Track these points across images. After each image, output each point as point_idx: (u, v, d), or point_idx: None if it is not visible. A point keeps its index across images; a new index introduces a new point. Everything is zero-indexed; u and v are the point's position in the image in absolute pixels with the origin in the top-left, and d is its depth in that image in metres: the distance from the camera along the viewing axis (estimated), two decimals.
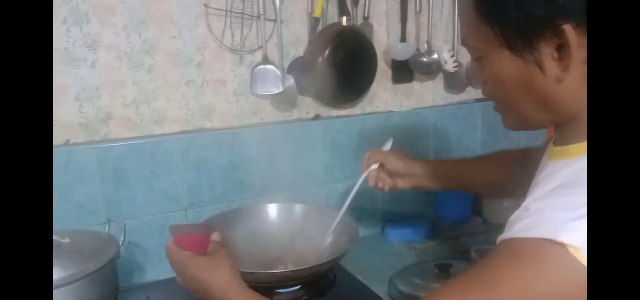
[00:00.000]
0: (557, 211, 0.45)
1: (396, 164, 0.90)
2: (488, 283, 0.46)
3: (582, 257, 0.41)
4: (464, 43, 0.55)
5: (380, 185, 0.92)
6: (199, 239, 0.66)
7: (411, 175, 0.90)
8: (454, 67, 1.26)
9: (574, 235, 0.42)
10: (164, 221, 1.05)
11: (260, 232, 1.02)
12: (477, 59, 0.54)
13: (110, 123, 1.02)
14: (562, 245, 0.42)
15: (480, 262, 0.49)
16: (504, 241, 0.48)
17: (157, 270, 1.05)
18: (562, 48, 0.47)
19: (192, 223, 0.96)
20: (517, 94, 0.52)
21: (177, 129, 1.07)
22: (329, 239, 0.94)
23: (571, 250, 0.42)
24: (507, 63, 0.50)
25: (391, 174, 0.91)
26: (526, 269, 0.44)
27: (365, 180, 0.92)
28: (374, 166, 0.91)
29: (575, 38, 0.46)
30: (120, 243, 0.87)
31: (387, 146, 0.94)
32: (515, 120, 0.56)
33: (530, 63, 0.49)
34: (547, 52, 0.48)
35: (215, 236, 0.68)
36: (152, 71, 1.04)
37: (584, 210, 0.43)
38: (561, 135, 0.54)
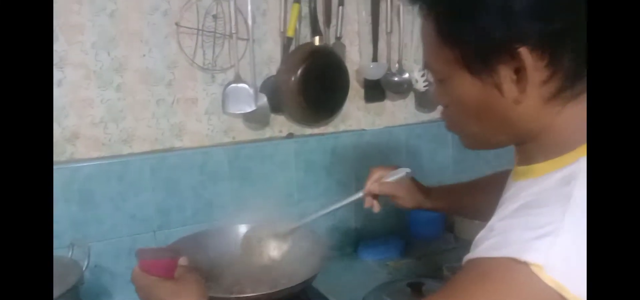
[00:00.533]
0: (520, 231, 0.46)
1: (406, 202, 0.87)
2: None
3: (545, 276, 0.42)
4: (426, 66, 0.56)
5: (375, 210, 0.90)
6: (165, 263, 0.65)
7: (416, 207, 0.88)
8: (424, 87, 1.29)
9: (537, 254, 0.43)
10: (132, 243, 1.03)
11: (231, 254, 1.00)
12: (439, 81, 0.55)
13: (77, 143, 1.00)
14: (526, 263, 0.43)
15: (448, 284, 0.50)
16: (470, 261, 0.48)
17: (124, 294, 1.02)
18: (519, 71, 0.48)
19: (159, 247, 0.94)
20: (478, 115, 0.53)
21: (146, 149, 1.05)
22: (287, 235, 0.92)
23: (534, 268, 0.43)
24: (467, 85, 0.51)
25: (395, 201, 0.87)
26: (491, 288, 0.45)
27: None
28: (375, 187, 0.87)
29: (532, 61, 0.47)
30: (84, 268, 0.85)
31: (399, 175, 0.87)
32: (475, 140, 0.57)
33: (490, 85, 0.50)
34: (505, 75, 0.49)
35: (182, 260, 0.67)
36: (121, 90, 1.02)
37: (546, 229, 0.44)
38: (523, 155, 0.56)
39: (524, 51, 0.47)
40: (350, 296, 1.01)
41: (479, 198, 0.85)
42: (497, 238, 0.47)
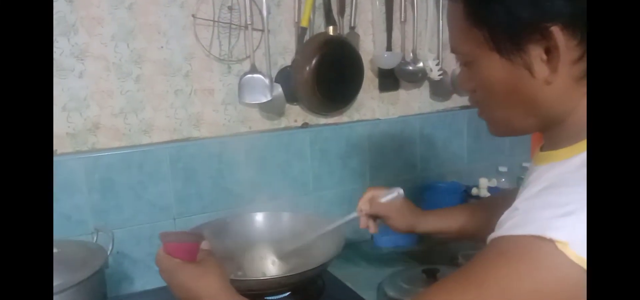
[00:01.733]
0: (544, 209, 0.46)
1: (398, 223, 0.87)
2: (475, 281, 0.47)
3: (570, 252, 0.43)
4: (453, 49, 0.56)
5: (371, 231, 0.90)
6: (188, 246, 0.66)
7: (408, 229, 0.88)
8: (439, 75, 1.29)
9: (562, 232, 0.43)
10: (152, 231, 1.05)
11: (249, 240, 1.02)
12: (467, 64, 0.55)
13: (98, 133, 1.02)
14: (551, 241, 0.43)
15: (472, 260, 0.50)
16: (494, 240, 0.49)
17: (145, 280, 1.05)
18: (550, 50, 0.48)
19: (182, 231, 0.96)
20: (506, 98, 0.53)
21: (165, 139, 1.07)
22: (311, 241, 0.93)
23: (559, 245, 0.43)
24: (496, 67, 0.51)
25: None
26: (515, 266, 0.45)
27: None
28: (366, 207, 0.88)
29: (563, 40, 0.47)
30: (109, 253, 0.87)
31: (391, 196, 0.87)
32: (502, 126, 0.57)
33: (519, 66, 0.50)
34: (535, 55, 0.49)
35: (204, 244, 0.69)
36: (140, 81, 1.04)
37: (569, 207, 0.44)
38: (547, 140, 0.56)
39: (555, 30, 0.47)
40: (366, 282, 1.02)
41: (472, 222, 0.85)
42: (521, 216, 0.47)
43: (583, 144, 0.49)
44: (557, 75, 0.49)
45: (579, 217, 0.43)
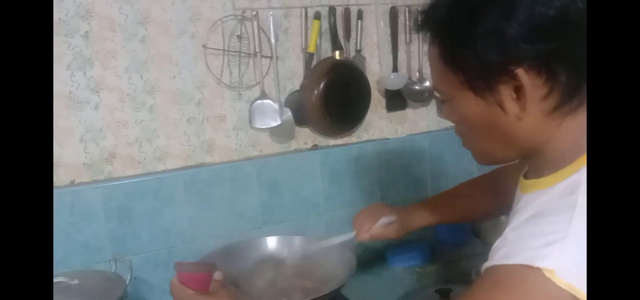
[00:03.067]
0: (531, 239, 0.49)
1: (396, 234, 0.94)
2: None
3: (557, 279, 0.45)
4: (434, 88, 0.61)
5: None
6: (201, 277, 0.68)
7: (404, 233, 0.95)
8: None
9: (548, 260, 0.46)
10: (169, 256, 1.07)
11: (262, 264, 1.04)
12: (447, 101, 0.59)
13: (114, 162, 1.05)
14: (538, 269, 0.46)
15: (468, 291, 0.53)
16: (488, 269, 0.52)
17: None
18: (519, 89, 0.52)
19: (196, 262, 0.98)
20: (485, 132, 0.56)
21: (179, 165, 1.10)
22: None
23: (547, 273, 0.46)
24: (472, 104, 0.55)
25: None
26: (509, 293, 0.48)
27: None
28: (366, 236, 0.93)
29: (529, 80, 0.51)
30: (127, 281, 0.89)
31: (388, 220, 0.93)
32: (485, 157, 0.61)
33: (493, 104, 0.54)
34: (506, 94, 0.53)
35: (217, 275, 0.70)
36: (154, 110, 1.07)
37: (554, 236, 0.47)
38: (531, 168, 0.59)
39: (520, 72, 0.51)
40: None
41: (462, 204, 0.93)
42: (510, 247, 0.50)
43: (565, 171, 0.52)
44: (527, 111, 0.53)
45: (564, 244, 0.46)
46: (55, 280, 0.82)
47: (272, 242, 1.09)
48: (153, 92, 1.07)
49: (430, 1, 0.56)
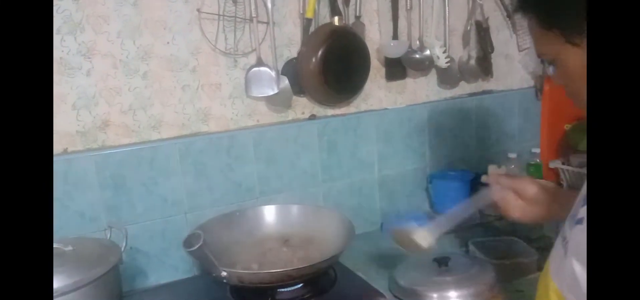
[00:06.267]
0: None
1: (531, 190, 0.78)
2: None
3: None
4: (540, 54, 0.64)
5: (506, 210, 0.80)
6: None
7: (545, 205, 0.77)
8: (446, 63, 1.28)
9: None
10: (165, 226, 1.06)
11: (260, 233, 1.03)
12: (552, 62, 0.62)
13: (107, 130, 1.03)
14: None
15: None
16: None
17: (159, 274, 1.06)
18: None
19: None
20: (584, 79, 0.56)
21: (174, 134, 1.08)
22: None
23: None
24: (572, 54, 0.57)
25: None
26: None
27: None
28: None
29: None
30: (122, 249, 0.88)
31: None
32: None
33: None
34: None
35: None
36: (148, 77, 1.04)
37: None
38: None
39: None
40: (377, 272, 1.03)
41: None
42: None
43: None
44: None
45: None
46: None
47: (269, 212, 1.08)
48: (146, 58, 1.04)
49: None
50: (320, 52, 1.12)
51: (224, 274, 0.83)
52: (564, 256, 0.57)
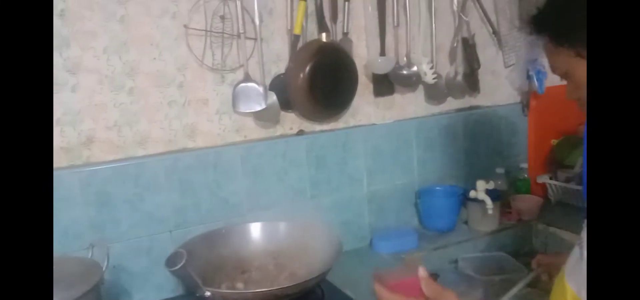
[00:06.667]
0: None
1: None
2: None
3: None
4: (553, 70, 0.69)
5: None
6: (413, 281, 0.61)
7: None
8: (433, 79, 1.29)
9: None
10: (150, 243, 1.04)
11: (247, 250, 1.02)
12: (564, 76, 0.67)
13: (92, 146, 1.02)
14: None
15: None
16: None
17: (143, 293, 1.04)
18: None
19: (394, 269, 0.91)
20: None
21: (160, 150, 1.07)
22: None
23: None
24: (583, 68, 0.61)
25: None
26: None
27: None
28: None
29: None
30: (104, 268, 0.86)
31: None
32: None
33: None
34: None
35: (421, 271, 0.62)
36: (134, 93, 1.04)
37: None
38: None
39: None
40: (366, 290, 1.01)
41: None
42: None
43: None
44: None
45: None
46: None
47: (256, 229, 1.07)
48: (133, 74, 1.03)
49: (539, 7, 0.67)
50: (308, 68, 1.12)
51: (207, 294, 0.82)
52: (580, 258, 0.59)
